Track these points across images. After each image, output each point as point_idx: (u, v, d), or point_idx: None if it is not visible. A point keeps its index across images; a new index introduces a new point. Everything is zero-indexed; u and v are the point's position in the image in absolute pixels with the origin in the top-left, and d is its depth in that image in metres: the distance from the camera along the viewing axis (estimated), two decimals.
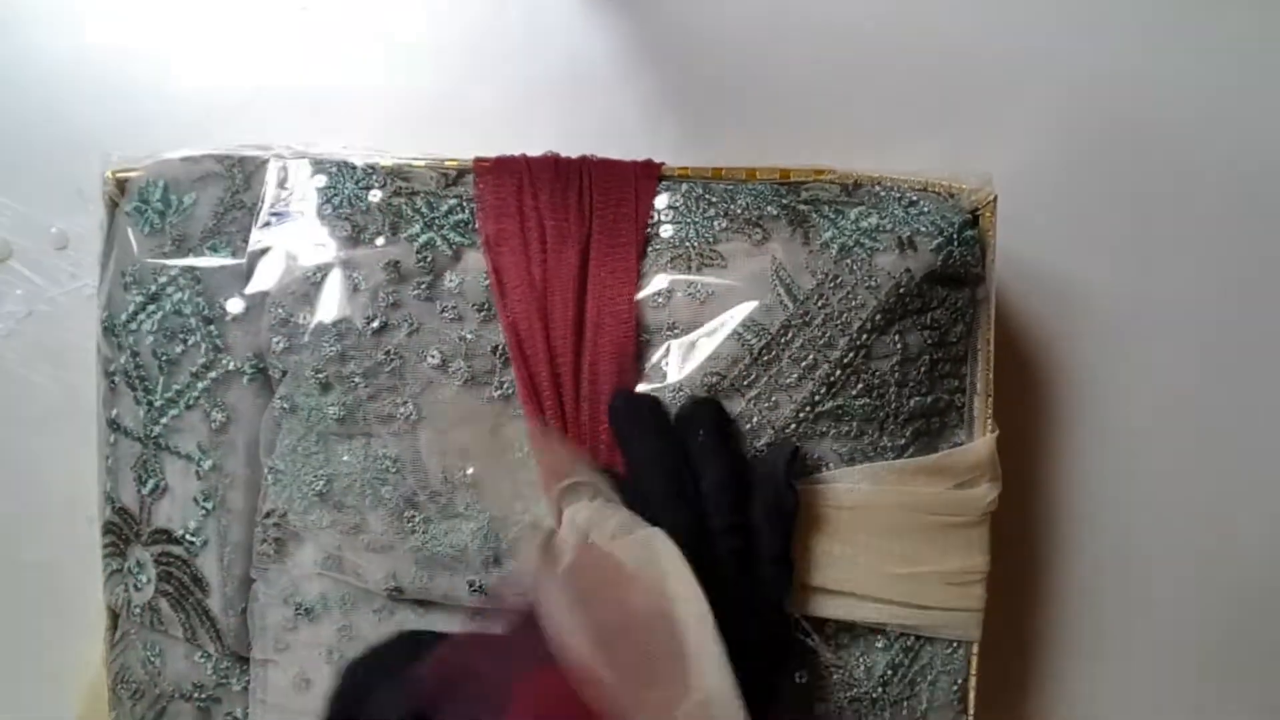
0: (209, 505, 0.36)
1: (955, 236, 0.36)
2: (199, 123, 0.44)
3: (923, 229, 0.36)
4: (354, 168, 0.37)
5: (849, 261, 0.36)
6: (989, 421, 0.37)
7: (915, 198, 0.37)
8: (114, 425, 0.37)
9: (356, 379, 0.35)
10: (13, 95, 0.45)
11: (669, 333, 0.35)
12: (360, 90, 0.45)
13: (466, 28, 0.45)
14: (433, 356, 0.35)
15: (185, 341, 0.36)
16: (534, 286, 0.35)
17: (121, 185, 0.38)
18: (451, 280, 0.35)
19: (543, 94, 0.45)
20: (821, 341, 0.35)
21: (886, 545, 0.35)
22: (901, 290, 0.36)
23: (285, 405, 0.35)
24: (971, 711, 0.37)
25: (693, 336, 0.35)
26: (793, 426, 0.35)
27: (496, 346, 0.35)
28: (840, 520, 0.35)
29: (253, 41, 0.45)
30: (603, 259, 0.35)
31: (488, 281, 0.35)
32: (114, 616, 0.39)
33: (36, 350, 0.45)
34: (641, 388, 0.35)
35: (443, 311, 0.35)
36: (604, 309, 0.35)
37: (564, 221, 0.36)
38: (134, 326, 0.36)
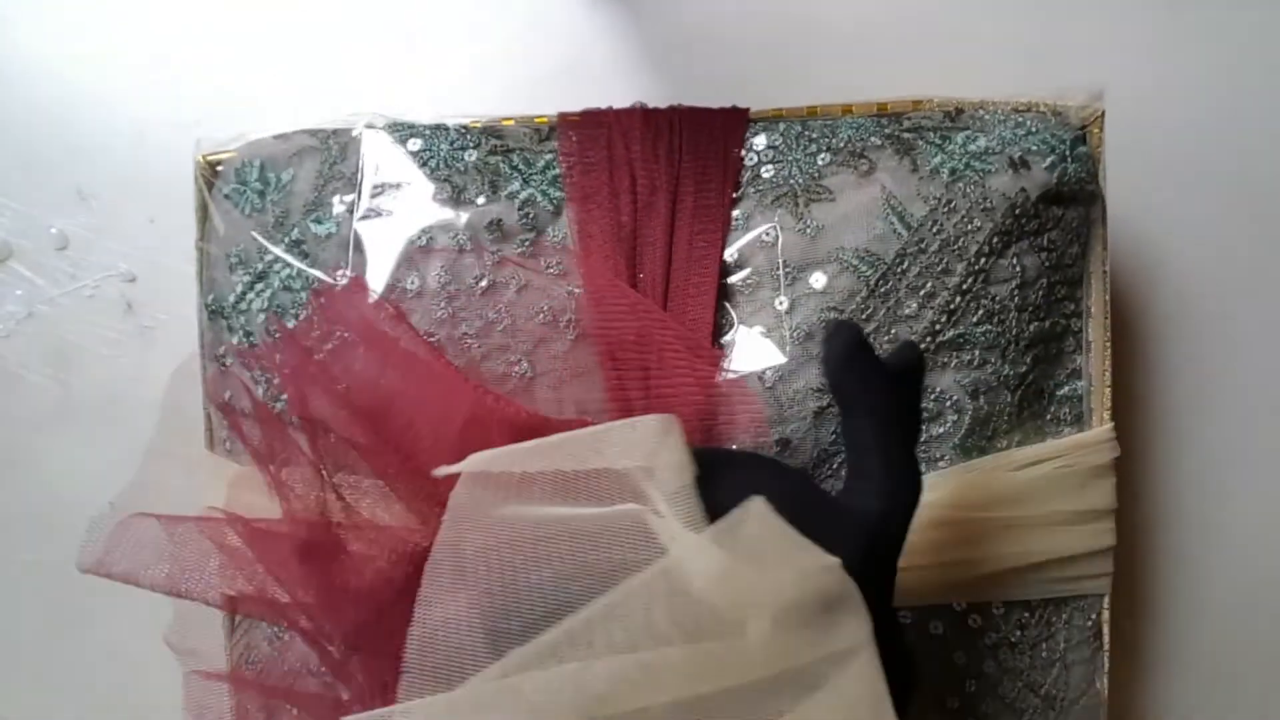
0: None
1: (1068, 153, 0.35)
2: (198, 122, 0.44)
3: (1034, 148, 0.35)
4: (448, 129, 0.36)
5: (961, 185, 0.34)
6: (1107, 353, 0.36)
7: (1021, 118, 0.36)
8: (227, 410, 0.37)
9: (469, 340, 0.35)
10: (13, 95, 0.45)
11: (782, 271, 0.34)
12: (361, 89, 0.45)
13: (466, 25, 0.45)
14: (543, 313, 0.35)
15: (297, 316, 0.36)
16: (621, 239, 0.34)
17: (213, 168, 0.38)
18: (554, 235, 0.35)
19: (543, 92, 0.44)
20: (939, 268, 0.34)
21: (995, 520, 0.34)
22: (1017, 211, 0.34)
23: None
24: (1107, 647, 0.36)
25: (807, 273, 0.34)
26: None
27: None
28: (949, 515, 0.34)
29: (252, 41, 0.45)
30: (692, 205, 0.35)
31: None
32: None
33: (36, 350, 0.44)
34: (756, 328, 0.34)
35: (547, 267, 0.35)
36: (693, 255, 0.34)
37: (655, 172, 0.35)
38: (244, 306, 0.36)
